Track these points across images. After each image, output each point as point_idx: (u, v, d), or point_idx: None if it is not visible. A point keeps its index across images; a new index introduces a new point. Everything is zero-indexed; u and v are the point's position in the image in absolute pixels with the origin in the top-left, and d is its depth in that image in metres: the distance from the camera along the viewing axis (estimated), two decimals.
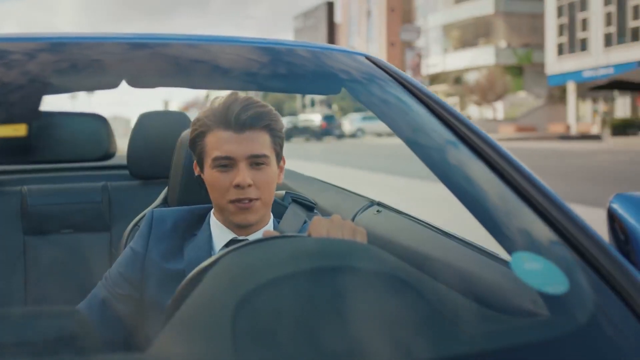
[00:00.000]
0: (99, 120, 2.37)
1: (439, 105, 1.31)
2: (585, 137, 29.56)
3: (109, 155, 2.36)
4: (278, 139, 1.36)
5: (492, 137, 1.23)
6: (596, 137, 28.18)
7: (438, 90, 39.19)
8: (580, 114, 33.65)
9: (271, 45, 1.53)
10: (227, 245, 1.36)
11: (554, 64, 33.54)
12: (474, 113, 39.82)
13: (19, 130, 2.11)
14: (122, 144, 2.42)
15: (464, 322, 0.92)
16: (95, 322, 1.34)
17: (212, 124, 1.32)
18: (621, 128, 26.18)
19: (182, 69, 1.50)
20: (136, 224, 1.57)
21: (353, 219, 1.92)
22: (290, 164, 1.71)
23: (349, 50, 1.56)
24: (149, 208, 1.62)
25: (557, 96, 35.88)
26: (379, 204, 1.98)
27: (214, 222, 1.39)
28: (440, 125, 1.28)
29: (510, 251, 1.02)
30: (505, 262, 1.19)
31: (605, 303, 0.96)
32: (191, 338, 0.84)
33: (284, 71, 1.53)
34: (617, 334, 0.93)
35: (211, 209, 1.41)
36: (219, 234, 1.37)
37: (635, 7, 28.55)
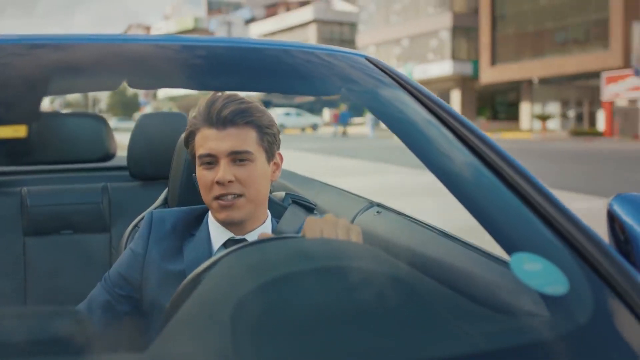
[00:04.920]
0: (99, 121, 2.36)
1: (439, 106, 1.31)
2: None
3: (109, 156, 2.36)
4: (266, 135, 1.34)
5: None
6: None
7: None
8: None
9: (271, 46, 1.53)
10: (224, 244, 1.36)
11: None
12: None
13: (18, 131, 2.11)
14: None
15: (464, 323, 0.92)
16: (95, 322, 1.34)
17: (199, 123, 1.33)
18: None
19: (182, 70, 1.49)
20: (136, 225, 1.57)
21: (353, 220, 1.92)
22: None
23: (349, 51, 1.56)
24: (149, 209, 1.62)
25: None
26: (379, 205, 1.97)
27: (212, 221, 1.39)
28: (440, 126, 1.28)
29: (509, 251, 1.02)
30: (505, 263, 1.19)
31: (605, 303, 0.96)
32: (190, 339, 0.84)
33: (283, 72, 1.53)
34: (617, 334, 0.93)
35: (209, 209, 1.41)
36: (217, 233, 1.37)
37: None
